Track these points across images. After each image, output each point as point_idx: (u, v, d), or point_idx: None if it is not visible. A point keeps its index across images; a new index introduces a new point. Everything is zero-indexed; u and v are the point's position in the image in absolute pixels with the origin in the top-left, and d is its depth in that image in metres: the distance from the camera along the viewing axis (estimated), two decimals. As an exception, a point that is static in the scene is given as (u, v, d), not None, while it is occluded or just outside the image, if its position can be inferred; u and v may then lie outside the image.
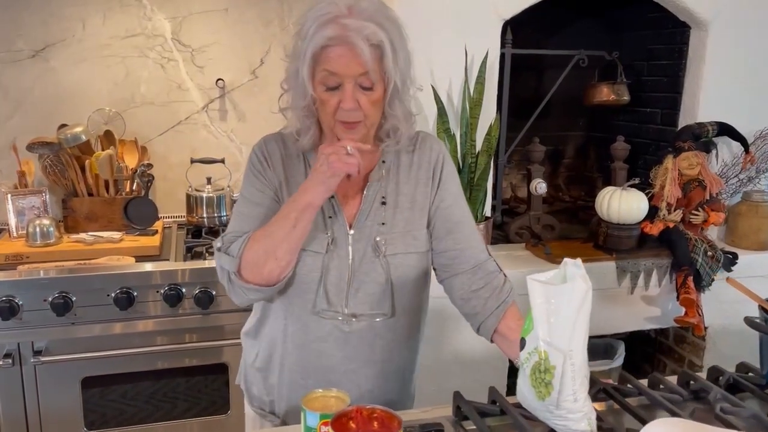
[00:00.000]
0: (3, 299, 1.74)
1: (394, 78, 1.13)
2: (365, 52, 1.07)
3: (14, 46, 2.22)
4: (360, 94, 1.12)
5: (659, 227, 2.24)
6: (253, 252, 1.15)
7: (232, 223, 1.25)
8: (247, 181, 1.26)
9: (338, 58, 1.08)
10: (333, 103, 1.12)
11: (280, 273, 1.17)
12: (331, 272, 1.20)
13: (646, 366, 2.67)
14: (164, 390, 1.96)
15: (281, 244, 1.14)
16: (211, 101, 2.42)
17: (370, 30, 1.08)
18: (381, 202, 1.24)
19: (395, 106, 1.18)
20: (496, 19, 2.12)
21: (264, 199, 1.23)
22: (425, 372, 2.08)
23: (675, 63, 2.45)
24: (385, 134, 1.23)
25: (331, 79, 1.11)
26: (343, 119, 1.13)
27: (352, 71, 1.09)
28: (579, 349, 0.87)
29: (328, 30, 1.07)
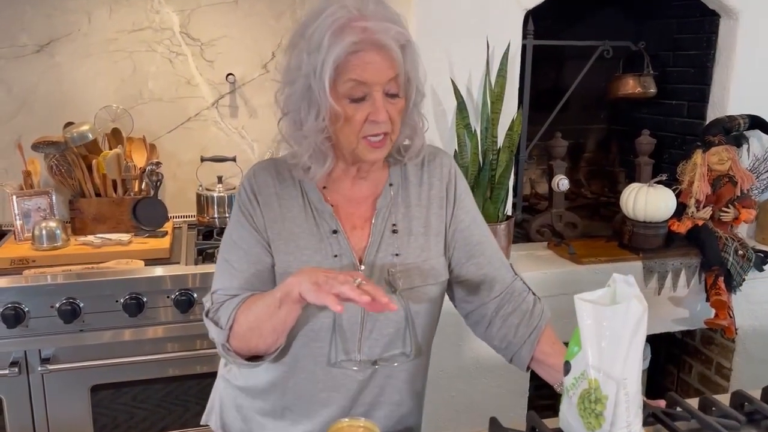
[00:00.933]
0: (9, 306, 1.68)
1: (416, 83, 1.04)
2: (398, 54, 0.97)
3: (18, 41, 2.15)
4: (388, 104, 1.01)
5: (687, 225, 2.16)
6: (239, 325, 1.03)
7: (219, 274, 1.11)
8: (235, 222, 1.12)
9: (366, 65, 0.97)
10: (360, 117, 1.00)
11: (267, 349, 1.04)
12: (343, 317, 1.07)
13: (671, 367, 2.59)
14: (176, 393, 1.90)
15: (265, 322, 1.01)
16: (221, 97, 2.34)
17: (395, 30, 0.97)
18: (392, 231, 1.12)
19: (414, 115, 1.08)
20: (517, 9, 2.03)
21: (253, 246, 1.09)
22: (444, 377, 2.02)
23: (703, 53, 2.35)
24: (396, 150, 1.11)
25: (357, 90, 0.98)
26: (372, 133, 1.01)
27: (382, 77, 0.98)
28: (634, 376, 0.79)
29: (349, 35, 0.95)
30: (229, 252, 1.11)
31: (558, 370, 1.09)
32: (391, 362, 1.12)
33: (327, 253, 1.09)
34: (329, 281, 0.92)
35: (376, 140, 1.02)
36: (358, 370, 1.10)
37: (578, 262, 2.08)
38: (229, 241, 1.12)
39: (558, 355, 1.11)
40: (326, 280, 0.92)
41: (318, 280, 0.93)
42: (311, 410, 1.14)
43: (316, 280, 0.93)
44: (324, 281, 0.92)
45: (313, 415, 1.14)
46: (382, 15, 0.99)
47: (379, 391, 1.14)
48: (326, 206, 1.11)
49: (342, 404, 1.13)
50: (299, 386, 1.13)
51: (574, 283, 2.06)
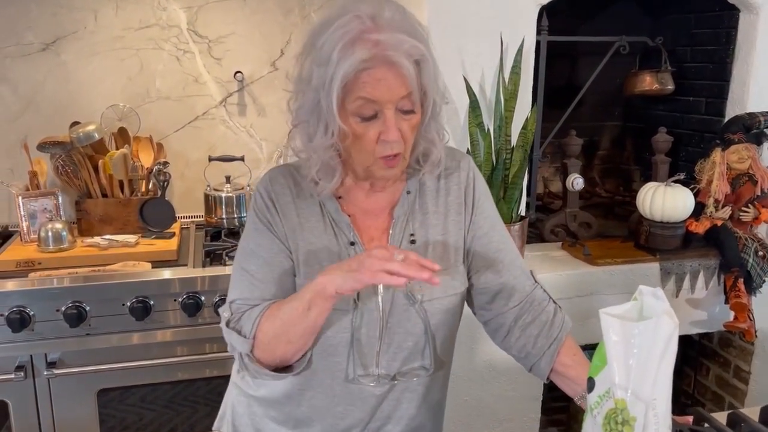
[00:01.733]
0: (14, 310, 1.65)
1: (433, 95, 0.97)
2: (410, 71, 0.91)
3: (24, 39, 2.12)
4: (401, 121, 0.95)
5: (706, 225, 2.11)
6: (264, 332, 1.00)
7: (237, 284, 1.07)
8: (252, 230, 1.08)
9: (377, 83, 0.91)
10: (371, 136, 0.95)
11: (294, 355, 1.02)
12: (361, 330, 1.04)
13: (687, 369, 2.54)
14: (183, 394, 1.87)
15: (293, 327, 0.97)
16: (229, 95, 2.31)
17: (409, 44, 0.91)
18: (410, 241, 1.07)
19: (431, 128, 1.02)
20: (532, 5, 1.98)
21: (274, 253, 1.05)
22: (457, 381, 1.98)
23: (722, 48, 2.29)
24: (415, 161, 1.06)
25: (367, 108, 0.93)
26: (386, 153, 0.96)
27: (394, 95, 0.92)
28: (663, 396, 0.74)
29: (359, 51, 0.90)
30: (247, 261, 1.07)
31: (578, 382, 1.06)
32: (411, 377, 1.08)
33: None
34: (365, 262, 0.89)
35: (391, 159, 0.98)
36: (376, 385, 1.06)
37: (593, 264, 2.04)
38: (246, 250, 1.08)
39: (578, 366, 1.07)
40: (360, 264, 0.90)
41: (351, 267, 0.91)
42: (326, 423, 1.10)
43: (348, 268, 0.91)
44: (357, 266, 0.90)
45: (328, 428, 1.10)
46: (397, 25, 0.92)
47: (396, 404, 1.10)
48: (343, 216, 1.07)
49: (359, 417, 1.09)
50: (315, 399, 1.09)
51: (589, 285, 2.01)
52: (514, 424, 2.07)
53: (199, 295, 1.76)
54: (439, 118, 1.04)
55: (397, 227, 1.08)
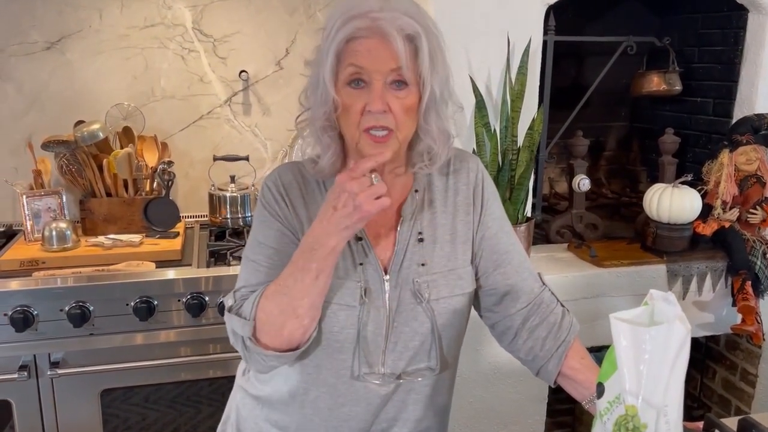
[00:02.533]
0: (18, 309, 1.64)
1: (431, 82, 0.96)
2: (398, 42, 0.91)
3: (28, 37, 2.12)
4: (391, 96, 0.95)
5: (713, 227, 2.09)
6: (268, 314, 0.97)
7: (243, 273, 1.06)
8: (260, 222, 1.07)
9: (367, 52, 0.93)
10: (358, 107, 0.95)
11: (304, 333, 0.98)
12: (368, 327, 1.03)
13: (693, 372, 2.52)
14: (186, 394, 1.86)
15: (301, 300, 0.95)
16: (234, 94, 2.30)
17: (403, 21, 0.93)
18: (418, 239, 1.06)
19: (431, 119, 1.00)
20: (539, 5, 1.96)
21: (283, 244, 1.04)
22: (462, 383, 1.97)
23: (730, 49, 2.27)
24: (419, 156, 1.05)
25: (356, 75, 0.95)
26: (371, 124, 0.95)
27: (383, 65, 0.93)
28: (675, 403, 0.73)
29: (357, 21, 0.93)
30: (254, 252, 1.06)
31: (586, 386, 1.05)
32: (416, 376, 1.07)
33: (352, 261, 1.04)
34: (354, 199, 0.89)
35: (378, 135, 0.96)
36: (381, 384, 1.05)
37: (600, 265, 2.02)
38: (254, 242, 1.07)
39: (586, 370, 1.06)
40: (351, 201, 0.90)
41: (344, 214, 0.90)
42: (330, 426, 1.09)
43: (343, 216, 0.90)
44: (351, 204, 0.90)
45: (332, 430, 1.09)
46: (402, 9, 0.94)
47: (402, 405, 1.09)
48: None
49: (363, 418, 1.08)
50: (320, 399, 1.08)
51: (596, 287, 2.00)
52: (519, 426, 2.06)
53: (203, 296, 1.75)
54: (443, 115, 1.02)
55: (405, 225, 1.07)
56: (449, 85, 1.02)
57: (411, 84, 0.96)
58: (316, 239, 0.94)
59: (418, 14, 0.96)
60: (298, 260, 0.96)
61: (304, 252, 0.95)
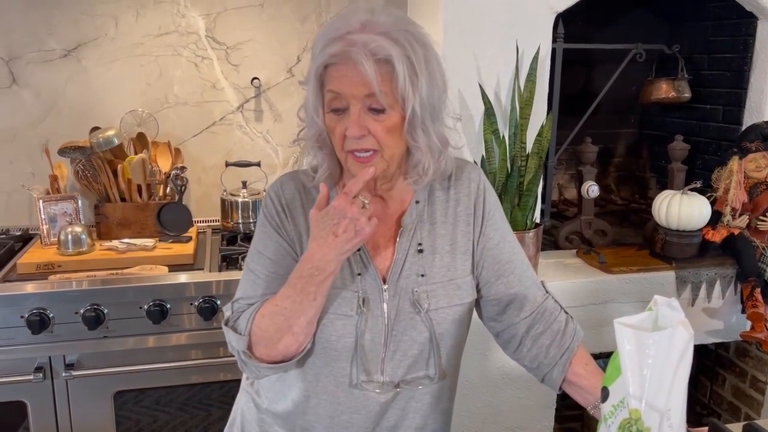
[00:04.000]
0: (34, 312, 1.68)
1: (411, 102, 0.95)
2: (368, 69, 0.91)
3: (46, 45, 2.16)
4: (369, 120, 0.96)
5: (723, 234, 2.09)
6: (263, 330, 1.00)
7: (244, 283, 1.09)
8: (261, 231, 1.10)
9: (341, 78, 0.95)
10: (340, 130, 0.97)
11: (298, 347, 1.02)
12: (365, 336, 1.04)
13: (703, 379, 2.52)
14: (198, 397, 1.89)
15: (298, 319, 0.98)
16: (246, 101, 2.33)
17: (376, 44, 0.92)
18: (417, 250, 1.08)
19: (417, 137, 1.00)
20: (547, 13, 1.98)
21: (281, 255, 1.07)
22: (470, 388, 1.98)
23: (739, 56, 2.28)
24: (413, 168, 1.05)
25: (336, 101, 0.96)
26: (352, 148, 0.98)
27: (356, 91, 0.94)
28: (678, 407, 0.74)
29: (333, 47, 0.94)
30: (254, 262, 1.09)
31: (590, 391, 1.06)
32: (415, 385, 1.08)
33: (350, 271, 1.06)
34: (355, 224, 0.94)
35: (362, 156, 0.99)
36: (380, 392, 1.07)
37: (608, 272, 2.03)
38: (254, 252, 1.10)
39: (590, 376, 1.07)
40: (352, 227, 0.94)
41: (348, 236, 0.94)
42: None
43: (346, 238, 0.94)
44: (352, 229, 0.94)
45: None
46: (382, 29, 0.94)
47: (402, 413, 1.10)
48: None
49: (363, 426, 1.09)
50: (320, 407, 1.10)
51: (604, 293, 2.01)
52: (527, 432, 2.06)
53: (215, 299, 1.78)
54: (433, 130, 1.02)
55: (405, 236, 1.08)
56: (441, 98, 1.02)
57: (390, 106, 0.96)
58: (315, 266, 0.96)
59: (397, 30, 0.95)
60: (297, 284, 0.98)
61: (303, 278, 0.97)
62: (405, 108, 0.97)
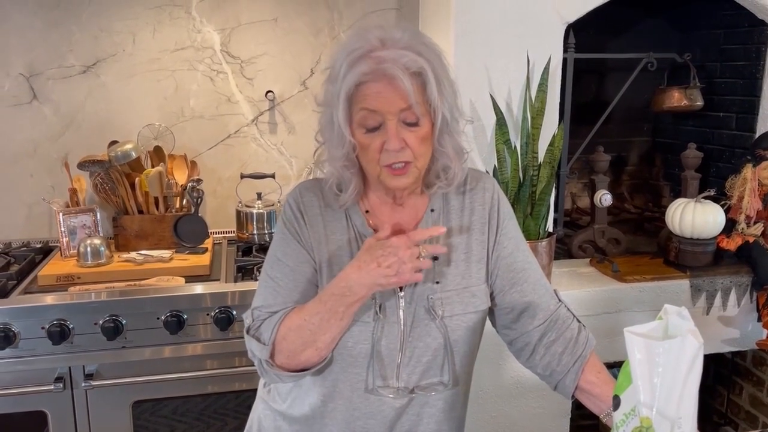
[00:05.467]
0: (54, 323, 1.71)
1: (441, 109, 1.00)
2: (406, 83, 0.95)
3: (66, 61, 2.21)
4: (405, 132, 0.99)
5: (737, 242, 2.08)
6: (289, 342, 1.03)
7: (263, 291, 1.11)
8: (279, 238, 1.12)
9: (376, 95, 0.97)
10: (376, 146, 1.00)
11: (319, 360, 1.05)
12: (381, 342, 1.07)
13: (720, 388, 2.50)
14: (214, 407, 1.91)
15: (324, 335, 1.02)
16: (260, 113, 2.37)
17: (408, 58, 0.96)
18: (432, 258, 1.09)
19: (445, 142, 1.04)
20: (558, 23, 1.99)
21: (300, 262, 1.09)
22: (485, 397, 1.98)
23: (752, 64, 2.28)
24: (435, 176, 1.08)
25: (370, 119, 0.99)
26: (390, 162, 1.00)
27: (393, 107, 0.97)
28: (689, 415, 0.75)
29: (362, 66, 0.96)
30: (273, 269, 1.11)
31: (603, 399, 1.07)
32: (429, 391, 1.10)
33: None
34: (400, 266, 0.96)
35: (398, 167, 1.01)
36: (394, 397, 1.09)
37: (622, 280, 2.03)
38: (273, 258, 1.12)
39: (603, 384, 1.08)
40: (397, 267, 0.96)
41: (388, 272, 0.96)
42: None
43: (386, 272, 0.96)
44: (395, 269, 0.96)
45: None
46: (404, 43, 0.97)
47: (417, 419, 1.12)
48: (369, 230, 1.10)
49: (379, 431, 1.11)
50: (337, 412, 1.12)
51: (618, 302, 2.00)
52: (542, 441, 2.06)
53: (231, 310, 1.80)
54: (457, 136, 1.06)
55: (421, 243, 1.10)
56: (457, 102, 1.05)
57: (422, 116, 1.00)
58: (349, 286, 0.99)
59: (418, 44, 0.98)
60: (327, 301, 1.01)
61: (335, 295, 1.00)
62: (435, 116, 1.00)
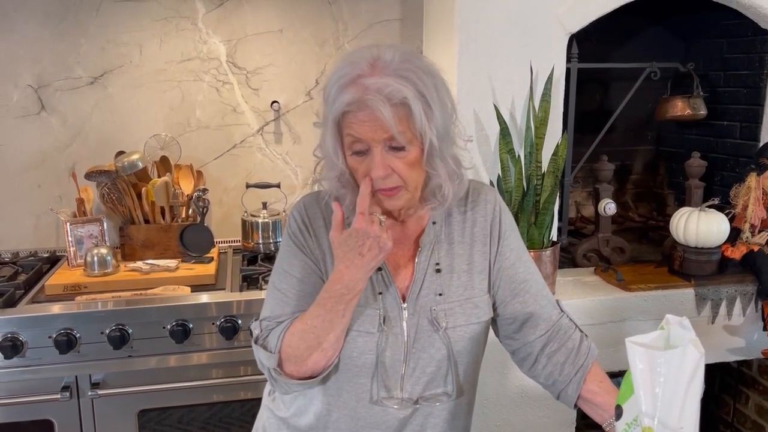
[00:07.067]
0: (61, 332, 1.72)
1: (429, 135, 0.98)
2: (387, 114, 0.94)
3: (73, 73, 2.23)
4: (392, 158, 0.99)
5: (742, 251, 2.08)
6: (294, 348, 1.05)
7: (269, 302, 1.12)
8: (285, 251, 1.14)
9: (361, 123, 0.97)
10: (363, 170, 1.01)
11: (327, 362, 1.06)
12: (386, 353, 1.08)
13: (726, 397, 2.49)
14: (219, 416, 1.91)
15: (327, 336, 1.03)
16: (266, 124, 2.38)
17: (391, 88, 0.95)
18: (435, 270, 1.11)
19: (436, 165, 1.03)
20: (561, 33, 2.01)
21: (307, 274, 1.11)
22: (489, 407, 1.98)
23: (755, 73, 2.28)
24: (431, 194, 1.09)
25: (357, 145, 1.00)
26: (378, 187, 1.01)
27: (376, 135, 0.97)
28: (690, 425, 0.75)
29: (348, 94, 0.97)
30: (280, 281, 1.12)
31: (605, 408, 1.07)
32: (433, 401, 1.11)
33: (372, 290, 1.09)
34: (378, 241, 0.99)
35: (389, 191, 1.02)
36: (399, 408, 1.09)
37: (626, 289, 2.03)
38: (279, 270, 1.13)
39: (605, 393, 1.09)
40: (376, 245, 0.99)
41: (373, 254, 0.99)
42: None
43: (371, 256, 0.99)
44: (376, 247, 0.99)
45: None
46: (393, 67, 0.97)
47: (421, 429, 1.12)
48: None
49: None
50: (341, 422, 1.12)
51: (622, 311, 2.00)
52: (547, 450, 2.05)
53: (236, 319, 1.81)
54: (450, 158, 1.05)
55: (423, 255, 1.11)
56: (451, 121, 1.05)
57: (409, 142, 0.99)
58: (345, 286, 1.00)
59: (407, 67, 0.98)
60: (326, 303, 1.02)
61: (333, 297, 1.01)
62: (423, 142, 1.00)
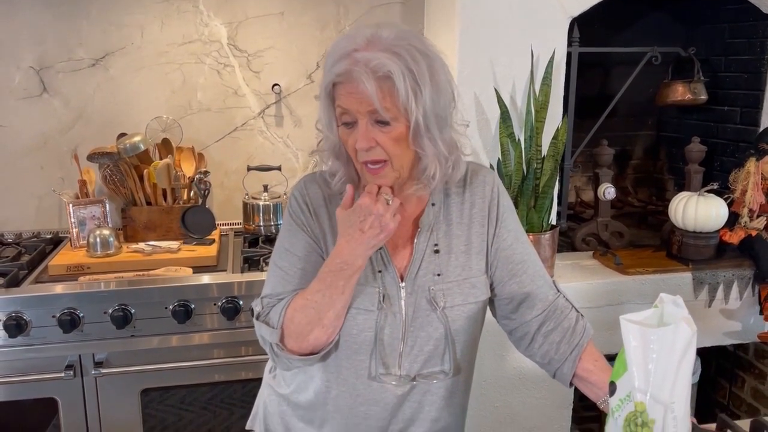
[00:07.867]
0: (65, 311, 1.74)
1: (415, 113, 0.99)
2: (369, 87, 0.96)
3: (75, 55, 2.24)
4: (376, 131, 1.00)
5: (740, 235, 2.09)
6: (296, 323, 1.06)
7: (270, 280, 1.14)
8: (287, 230, 1.15)
9: (347, 95, 1.00)
10: (351, 142, 1.03)
11: (328, 338, 1.07)
12: (384, 331, 1.10)
13: (722, 381, 2.52)
14: (221, 396, 1.94)
15: (327, 312, 1.04)
16: (267, 107, 2.39)
17: (377, 61, 0.96)
18: (434, 250, 1.12)
19: (423, 145, 1.03)
20: (562, 17, 2.01)
21: (308, 252, 1.12)
22: (487, 388, 2.01)
23: (756, 58, 2.28)
24: (422, 173, 1.09)
25: (345, 116, 1.02)
26: (364, 159, 1.03)
27: (361, 107, 0.99)
28: (682, 400, 0.77)
29: (340, 65, 0.99)
30: (281, 259, 1.14)
31: (600, 386, 1.09)
32: (430, 379, 1.13)
33: (372, 269, 1.11)
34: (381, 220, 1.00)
35: (374, 167, 1.03)
36: (396, 384, 1.11)
37: (625, 273, 2.04)
38: (281, 249, 1.15)
39: (600, 372, 1.11)
40: (378, 223, 1.00)
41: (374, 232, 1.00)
42: (350, 423, 1.15)
43: (372, 233, 1.01)
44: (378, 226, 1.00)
45: (352, 428, 1.15)
46: (387, 43, 0.98)
47: (418, 407, 1.15)
48: None
49: (381, 417, 1.14)
50: (340, 398, 1.15)
51: (621, 294, 2.02)
52: (544, 432, 2.09)
53: (238, 300, 1.83)
54: (440, 138, 1.04)
55: (422, 236, 1.13)
56: (448, 106, 1.05)
57: (395, 118, 1.00)
58: (344, 260, 1.02)
59: (401, 45, 0.98)
60: (326, 278, 1.04)
61: (332, 272, 1.03)
62: (409, 119, 1.00)
